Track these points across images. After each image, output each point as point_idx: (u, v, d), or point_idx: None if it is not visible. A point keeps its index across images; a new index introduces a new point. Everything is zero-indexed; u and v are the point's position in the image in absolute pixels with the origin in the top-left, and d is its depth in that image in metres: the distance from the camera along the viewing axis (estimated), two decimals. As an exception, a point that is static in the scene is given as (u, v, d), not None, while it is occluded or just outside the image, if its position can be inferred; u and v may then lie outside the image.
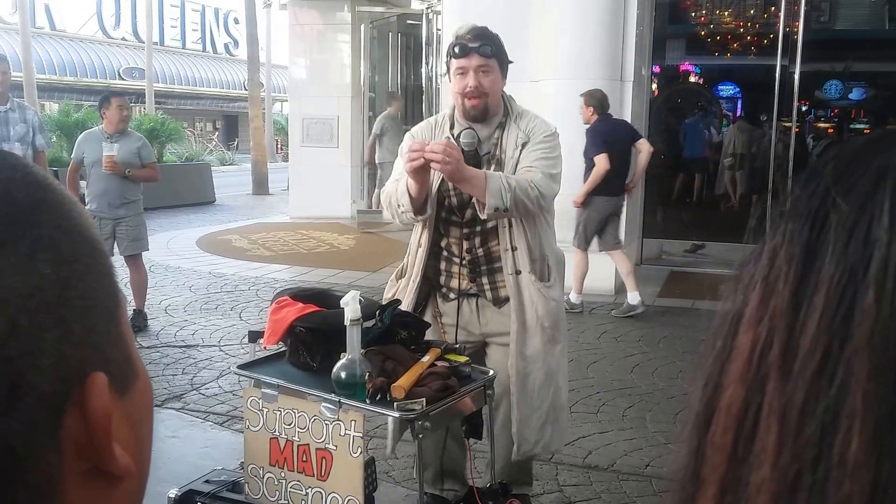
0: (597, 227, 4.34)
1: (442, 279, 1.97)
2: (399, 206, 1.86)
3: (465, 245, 1.92)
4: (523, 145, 1.87)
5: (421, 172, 1.74)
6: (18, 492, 0.24)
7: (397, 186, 1.87)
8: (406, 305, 1.91)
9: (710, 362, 0.25)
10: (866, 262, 0.21)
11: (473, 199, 1.84)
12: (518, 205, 1.77)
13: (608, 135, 4.21)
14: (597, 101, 4.24)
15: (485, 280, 1.93)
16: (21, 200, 0.26)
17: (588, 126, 4.27)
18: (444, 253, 1.96)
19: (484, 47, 1.84)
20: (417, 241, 1.95)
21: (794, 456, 0.21)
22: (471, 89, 1.84)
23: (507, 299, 1.92)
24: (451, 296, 1.96)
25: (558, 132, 1.94)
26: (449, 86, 1.99)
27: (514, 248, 1.88)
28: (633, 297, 4.34)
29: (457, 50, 1.84)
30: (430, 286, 1.99)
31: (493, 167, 1.87)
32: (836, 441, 0.20)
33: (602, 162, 4.14)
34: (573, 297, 4.35)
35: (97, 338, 0.27)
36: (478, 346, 1.99)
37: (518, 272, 1.89)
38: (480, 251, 1.92)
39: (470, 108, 1.86)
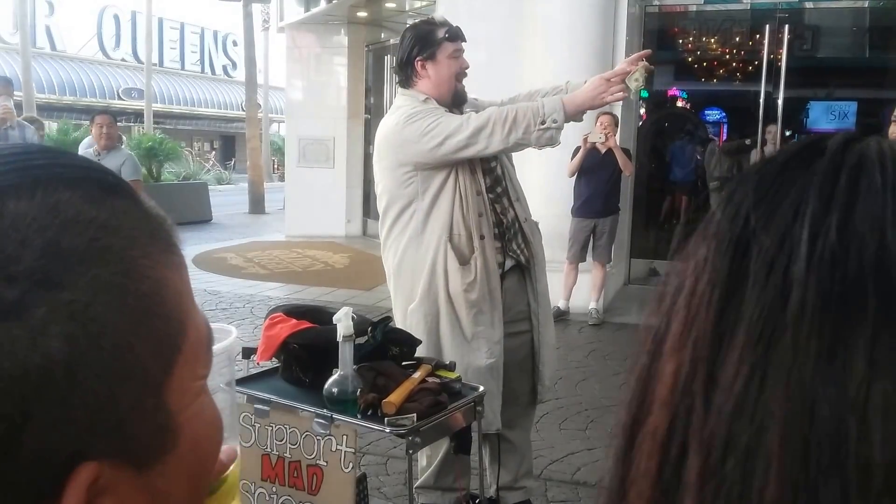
0: (579, 244, 4.64)
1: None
2: (543, 122, 1.77)
3: (499, 208, 1.96)
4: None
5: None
6: None
7: (538, 104, 1.81)
8: (495, 270, 1.88)
9: (635, 381, 0.25)
10: (784, 301, 0.21)
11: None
12: None
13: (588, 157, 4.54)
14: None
15: (514, 245, 1.98)
16: (67, 252, 0.23)
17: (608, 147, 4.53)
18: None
19: (462, 33, 1.93)
20: (476, 210, 1.89)
21: (715, 491, 0.21)
22: (466, 68, 1.91)
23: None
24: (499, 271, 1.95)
25: None
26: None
27: (518, 199, 1.99)
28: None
29: (452, 33, 1.88)
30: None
31: None
32: (755, 481, 0.20)
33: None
34: (561, 304, 4.63)
35: (113, 416, 0.24)
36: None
37: (527, 219, 2.00)
38: (508, 210, 1.96)
39: (461, 90, 1.91)
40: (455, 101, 1.92)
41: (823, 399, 0.20)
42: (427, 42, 1.89)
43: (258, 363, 1.74)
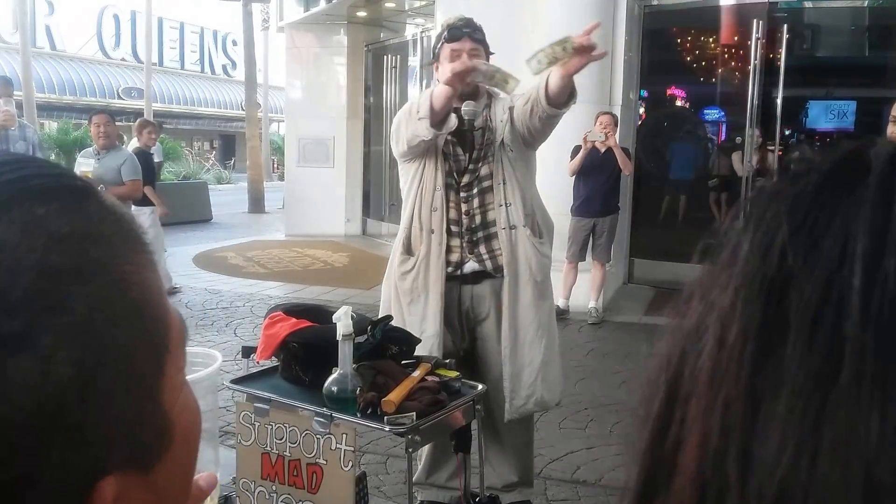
0: (578, 244, 4.62)
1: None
2: (417, 111, 1.84)
3: (464, 208, 1.95)
4: (510, 109, 1.97)
5: (458, 82, 1.81)
6: None
7: (420, 96, 1.90)
8: (436, 265, 1.92)
9: (648, 435, 0.21)
10: (836, 368, 0.17)
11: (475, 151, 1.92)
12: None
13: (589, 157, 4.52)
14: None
15: (483, 248, 1.96)
16: (58, 272, 0.22)
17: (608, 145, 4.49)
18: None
19: (475, 33, 1.99)
20: (430, 205, 1.93)
21: None
22: None
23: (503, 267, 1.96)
24: (449, 269, 1.95)
25: None
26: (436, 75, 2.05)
27: (508, 204, 1.95)
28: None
29: (450, 34, 1.96)
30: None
31: (486, 136, 1.98)
32: None
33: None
34: (560, 303, 4.59)
35: (121, 425, 0.24)
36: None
37: (513, 227, 1.95)
38: (478, 213, 1.95)
39: (467, 90, 1.95)
40: (465, 96, 1.96)
41: (890, 495, 0.16)
42: (435, 45, 2.03)
43: (258, 362, 1.75)
